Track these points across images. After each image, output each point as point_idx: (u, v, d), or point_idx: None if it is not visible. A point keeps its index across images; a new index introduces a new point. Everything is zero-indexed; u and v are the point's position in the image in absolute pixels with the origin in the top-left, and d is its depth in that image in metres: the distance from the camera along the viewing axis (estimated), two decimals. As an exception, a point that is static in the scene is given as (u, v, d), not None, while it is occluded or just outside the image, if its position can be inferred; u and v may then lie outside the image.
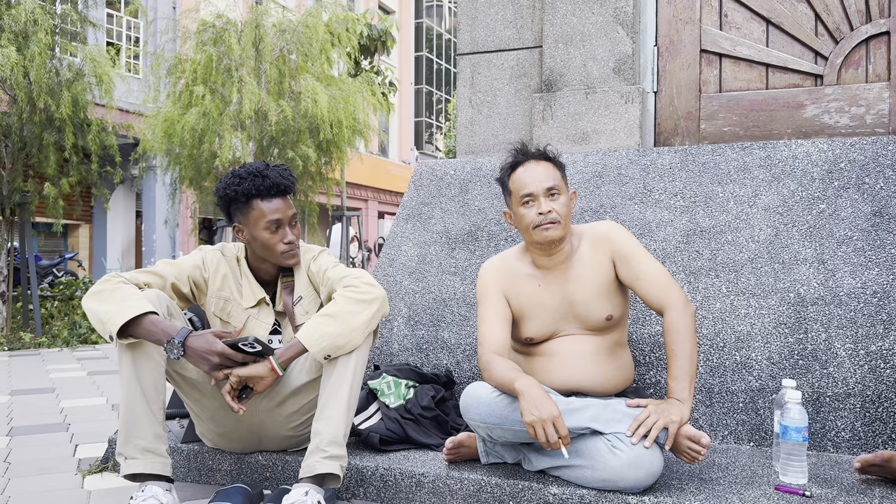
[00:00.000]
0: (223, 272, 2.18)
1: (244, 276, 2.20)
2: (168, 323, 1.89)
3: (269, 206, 2.09)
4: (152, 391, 1.91)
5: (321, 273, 2.16)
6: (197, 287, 2.17)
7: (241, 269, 2.21)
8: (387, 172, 24.54)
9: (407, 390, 2.41)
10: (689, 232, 2.65)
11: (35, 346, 6.54)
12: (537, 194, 1.99)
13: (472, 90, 3.38)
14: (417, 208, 3.14)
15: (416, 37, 28.92)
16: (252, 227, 2.12)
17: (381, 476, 2.08)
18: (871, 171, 2.54)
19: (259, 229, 2.10)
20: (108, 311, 1.87)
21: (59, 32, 7.25)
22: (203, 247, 2.24)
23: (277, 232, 2.11)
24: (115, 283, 1.96)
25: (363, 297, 2.00)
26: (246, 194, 2.09)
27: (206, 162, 9.30)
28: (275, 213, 2.10)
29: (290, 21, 9.76)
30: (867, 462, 1.84)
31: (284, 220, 2.12)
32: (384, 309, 2.05)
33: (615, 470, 1.76)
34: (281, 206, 2.11)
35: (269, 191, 2.09)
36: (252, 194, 2.09)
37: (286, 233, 2.12)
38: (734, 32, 3.04)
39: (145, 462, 1.90)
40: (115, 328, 1.84)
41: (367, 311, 1.99)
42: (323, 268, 2.17)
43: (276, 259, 2.15)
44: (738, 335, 2.40)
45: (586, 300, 2.02)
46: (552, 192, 1.99)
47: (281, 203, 2.12)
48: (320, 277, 2.17)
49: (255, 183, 2.08)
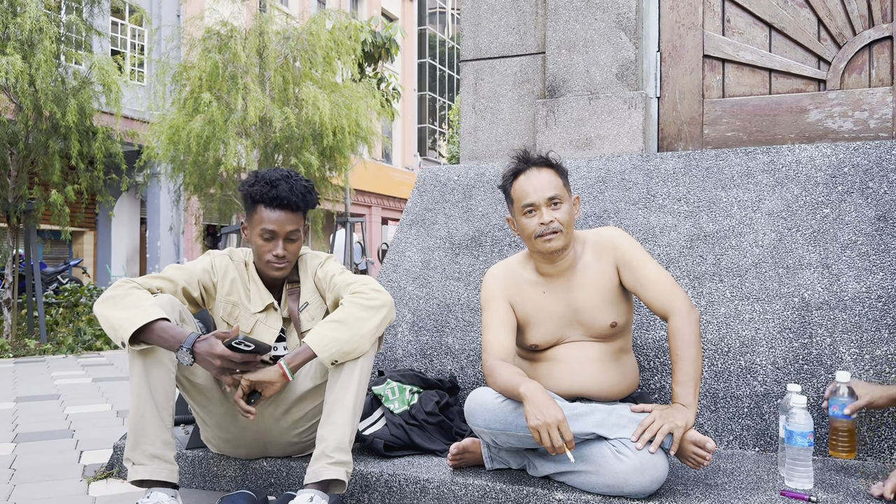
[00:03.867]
0: (231, 276, 2.19)
1: (252, 281, 2.20)
2: (178, 329, 1.90)
3: (270, 216, 2.09)
4: (162, 397, 1.92)
5: (328, 279, 2.17)
6: (206, 291, 2.18)
7: (249, 273, 2.22)
8: (390, 178, 24.58)
9: (411, 396, 2.41)
10: (692, 237, 2.65)
11: (40, 352, 6.55)
12: (539, 204, 1.99)
13: (475, 96, 3.39)
14: (421, 214, 3.15)
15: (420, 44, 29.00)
16: (251, 229, 2.14)
17: (386, 482, 2.08)
18: (875, 175, 2.54)
19: (255, 234, 2.13)
20: (120, 316, 1.88)
21: (65, 41, 7.29)
22: (211, 251, 2.25)
23: (269, 242, 2.11)
24: (127, 289, 1.97)
25: (371, 303, 2.01)
26: (253, 197, 2.12)
27: (210, 169, 9.33)
28: (272, 223, 2.09)
29: (294, 28, 9.80)
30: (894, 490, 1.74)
31: (280, 233, 2.10)
32: (391, 315, 2.06)
33: (620, 475, 1.76)
34: (281, 219, 2.10)
35: (272, 201, 2.09)
36: (257, 199, 2.11)
37: (277, 245, 2.10)
38: (737, 38, 3.04)
39: (153, 468, 1.90)
40: (127, 335, 1.84)
41: (375, 318, 2.00)
42: (329, 274, 2.18)
43: (263, 266, 2.16)
44: (743, 340, 2.39)
45: (591, 307, 2.02)
46: (554, 201, 1.99)
47: (283, 216, 2.10)
48: (327, 283, 2.17)
49: (263, 190, 2.10)
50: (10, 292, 7.01)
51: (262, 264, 2.15)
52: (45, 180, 7.20)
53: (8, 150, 6.91)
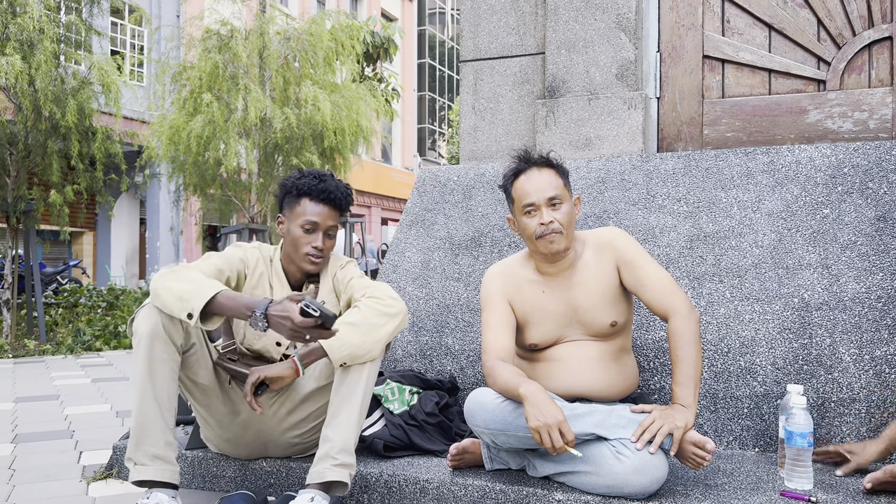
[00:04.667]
0: (260, 270, 2.22)
1: (276, 276, 2.23)
2: (247, 297, 1.89)
3: (314, 209, 2.16)
4: (165, 398, 1.92)
5: (346, 281, 2.20)
6: (238, 281, 2.20)
7: (272, 269, 2.24)
8: (390, 179, 24.59)
9: (411, 396, 2.40)
10: (692, 237, 2.65)
11: (39, 353, 6.55)
12: (539, 204, 1.99)
13: (475, 97, 3.39)
14: (421, 214, 3.15)
15: (419, 44, 29.01)
16: (291, 221, 2.17)
17: (386, 482, 2.08)
18: (875, 175, 2.54)
19: (296, 225, 2.15)
20: (185, 289, 1.87)
21: (64, 41, 7.29)
22: (240, 243, 2.26)
23: (310, 234, 2.15)
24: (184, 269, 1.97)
25: (387, 310, 2.03)
26: (300, 190, 2.16)
27: (210, 169, 9.33)
28: (316, 216, 2.15)
29: (294, 29, 9.80)
30: (878, 481, 1.80)
31: (321, 225, 2.16)
32: (405, 323, 2.08)
33: (620, 476, 1.76)
34: (324, 213, 2.16)
35: (319, 194, 2.16)
36: (304, 192, 2.16)
37: (317, 237, 2.15)
38: (736, 38, 3.04)
39: (155, 469, 1.90)
40: (200, 304, 1.82)
41: (389, 325, 2.01)
42: (348, 276, 2.21)
43: (299, 259, 2.17)
44: (743, 340, 2.39)
45: (590, 306, 2.02)
46: (553, 201, 1.99)
47: (325, 210, 2.17)
48: (344, 285, 2.20)
49: (311, 183, 2.16)
50: (10, 293, 7.01)
51: (299, 257, 2.17)
52: (45, 180, 7.20)
53: (7, 150, 6.91)
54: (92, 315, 8.15)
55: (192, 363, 2.03)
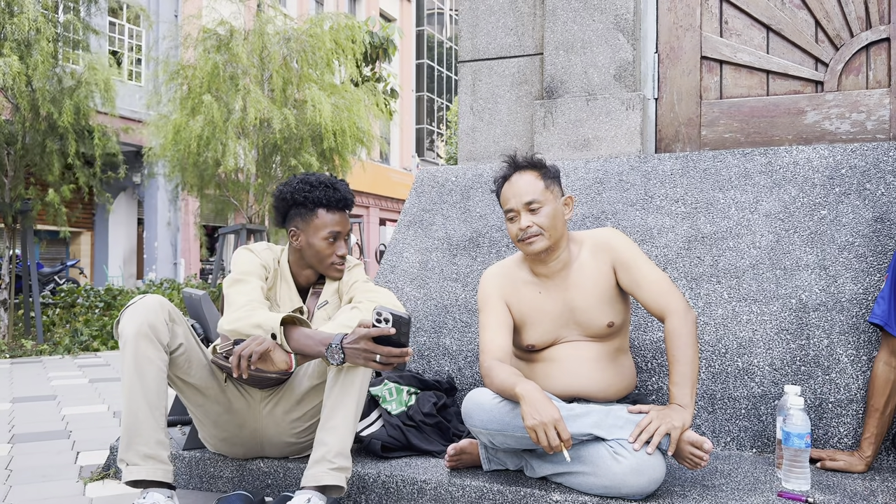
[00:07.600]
0: (272, 271, 2.22)
1: (283, 280, 2.23)
2: (319, 333, 1.90)
3: (332, 218, 2.17)
4: (155, 397, 1.91)
5: (350, 283, 2.21)
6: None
7: (279, 270, 2.24)
8: (388, 179, 24.57)
9: (409, 397, 2.40)
10: (690, 238, 2.65)
11: (36, 353, 6.54)
12: (517, 209, 2.01)
13: (473, 97, 3.39)
14: (419, 215, 3.15)
15: (418, 44, 29.00)
16: (311, 234, 2.17)
17: (383, 483, 2.08)
18: (873, 176, 2.54)
19: (318, 238, 2.16)
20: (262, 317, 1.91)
21: (62, 40, 7.28)
22: (250, 246, 2.24)
23: (334, 244, 2.17)
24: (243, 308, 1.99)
25: None
26: (315, 202, 2.16)
27: (209, 169, 9.32)
28: (336, 225, 2.17)
29: (294, 29, 9.79)
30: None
31: (343, 233, 2.19)
32: None
33: (617, 476, 1.76)
34: (342, 220, 2.19)
35: (336, 203, 2.17)
36: (321, 203, 2.16)
37: (341, 245, 2.18)
38: (734, 39, 3.05)
39: (147, 469, 1.89)
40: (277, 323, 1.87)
41: None
42: (353, 279, 2.22)
43: (325, 269, 2.19)
44: (740, 341, 2.40)
45: (587, 307, 2.02)
46: (532, 205, 2.00)
47: (342, 217, 2.19)
48: (348, 287, 2.21)
49: (327, 193, 2.15)
50: (7, 293, 7.00)
51: (325, 267, 2.19)
52: (42, 180, 7.19)
53: (5, 150, 6.89)
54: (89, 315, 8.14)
55: (182, 363, 2.01)
